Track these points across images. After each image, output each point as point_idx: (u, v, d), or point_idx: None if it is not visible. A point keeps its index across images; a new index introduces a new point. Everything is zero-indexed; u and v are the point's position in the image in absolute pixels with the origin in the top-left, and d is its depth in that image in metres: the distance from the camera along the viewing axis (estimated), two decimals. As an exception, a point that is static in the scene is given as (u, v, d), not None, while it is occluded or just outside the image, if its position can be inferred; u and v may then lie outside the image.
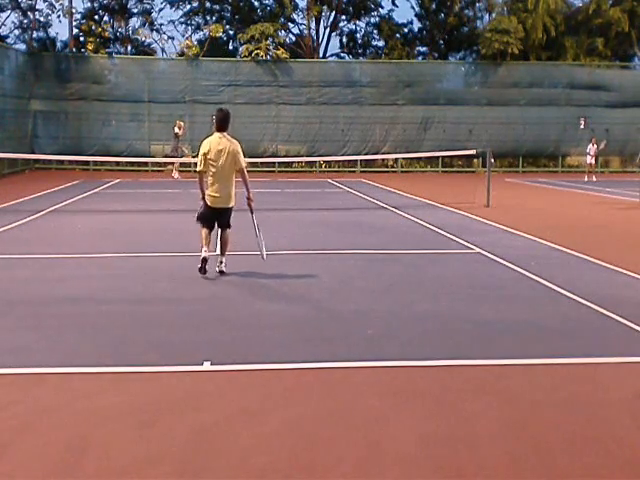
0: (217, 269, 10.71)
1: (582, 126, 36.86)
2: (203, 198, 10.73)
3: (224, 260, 10.78)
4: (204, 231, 10.79)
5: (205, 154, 10.52)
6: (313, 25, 41.17)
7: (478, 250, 12.99)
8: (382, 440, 5.17)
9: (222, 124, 10.73)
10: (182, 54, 36.93)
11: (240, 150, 10.75)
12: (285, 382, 6.35)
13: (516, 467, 4.79)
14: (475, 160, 36.44)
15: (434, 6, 41.31)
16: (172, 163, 30.30)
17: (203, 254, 10.49)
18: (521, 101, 36.83)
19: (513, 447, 5.08)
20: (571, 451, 5.03)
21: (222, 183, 10.59)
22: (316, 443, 5.12)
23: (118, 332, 7.78)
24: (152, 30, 41.88)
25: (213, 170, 10.53)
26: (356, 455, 4.93)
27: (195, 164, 11.41)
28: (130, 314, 8.44)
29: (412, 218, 17.42)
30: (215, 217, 10.83)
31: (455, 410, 5.73)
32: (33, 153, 31.70)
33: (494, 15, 39.86)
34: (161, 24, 44.40)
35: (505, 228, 15.83)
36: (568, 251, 12.94)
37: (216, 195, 10.61)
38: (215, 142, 10.59)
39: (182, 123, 30.53)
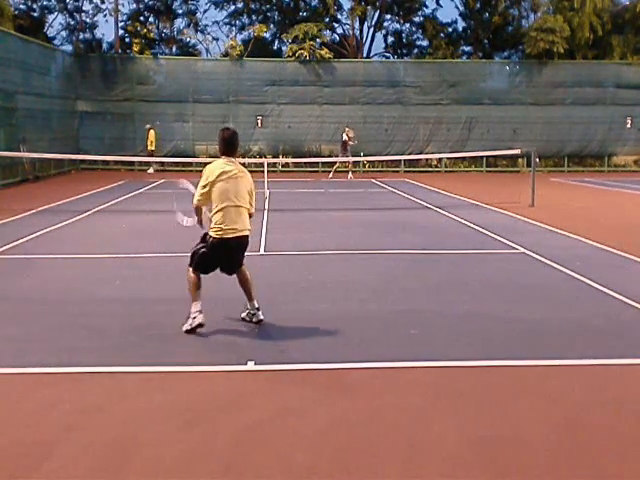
0: (254, 319, 8.16)
1: (629, 125, 36.46)
2: (204, 236, 8.11)
3: (257, 304, 8.21)
4: (194, 277, 8.02)
5: (212, 182, 7.88)
6: (357, 25, 41.21)
7: (523, 250, 12.89)
8: (426, 440, 5.15)
9: (230, 147, 8.13)
10: (226, 54, 37.14)
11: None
12: (328, 382, 6.36)
13: (562, 468, 4.75)
14: (520, 160, 36.13)
15: (478, 5, 41.05)
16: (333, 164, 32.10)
17: (198, 318, 7.77)
18: (566, 100, 36.47)
19: (559, 448, 5.03)
20: (619, 453, 4.97)
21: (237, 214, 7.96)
22: (359, 443, 5.11)
23: (163, 332, 7.83)
24: (197, 31, 42.24)
25: (224, 204, 7.82)
26: (399, 455, 4.91)
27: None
28: (175, 314, 8.43)
29: (456, 218, 17.33)
30: (226, 256, 8.10)
31: (499, 410, 5.69)
32: (79, 153, 32.00)
33: (539, 14, 39.53)
34: (206, 25, 44.86)
35: (550, 228, 15.68)
36: (614, 251, 12.79)
37: (234, 227, 7.91)
38: (224, 168, 7.92)
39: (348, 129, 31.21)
